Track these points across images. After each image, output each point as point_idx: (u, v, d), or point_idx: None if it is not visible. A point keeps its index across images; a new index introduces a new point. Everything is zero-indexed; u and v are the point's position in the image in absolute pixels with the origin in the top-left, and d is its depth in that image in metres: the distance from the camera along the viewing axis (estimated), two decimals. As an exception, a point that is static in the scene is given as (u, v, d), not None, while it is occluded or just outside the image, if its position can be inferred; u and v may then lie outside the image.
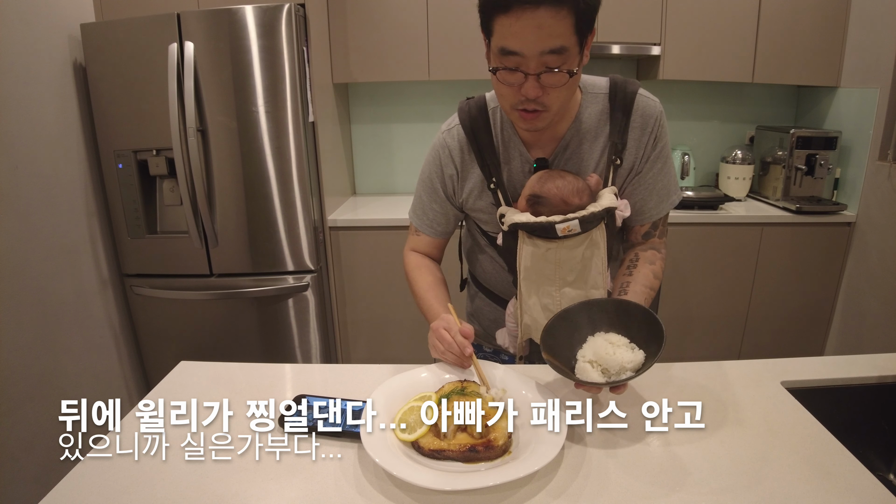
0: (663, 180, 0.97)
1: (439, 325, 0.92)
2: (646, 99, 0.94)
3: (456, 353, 0.89)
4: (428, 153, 1.04)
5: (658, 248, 1.03)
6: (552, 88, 0.80)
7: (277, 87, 1.96)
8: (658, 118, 0.95)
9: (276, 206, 2.07)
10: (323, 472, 0.72)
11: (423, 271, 1.07)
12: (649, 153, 0.95)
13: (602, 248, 0.92)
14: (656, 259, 1.01)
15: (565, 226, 0.88)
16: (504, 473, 0.66)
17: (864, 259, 2.26)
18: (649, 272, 0.98)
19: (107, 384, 2.13)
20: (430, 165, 1.03)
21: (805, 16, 2.29)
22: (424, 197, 1.05)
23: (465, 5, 2.25)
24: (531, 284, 0.95)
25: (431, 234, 1.08)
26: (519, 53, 0.77)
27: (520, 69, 0.79)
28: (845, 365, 0.99)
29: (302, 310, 2.19)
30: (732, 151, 2.54)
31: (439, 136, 1.02)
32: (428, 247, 1.11)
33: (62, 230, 1.92)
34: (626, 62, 2.65)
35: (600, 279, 0.93)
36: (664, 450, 0.76)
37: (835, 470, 0.71)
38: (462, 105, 0.99)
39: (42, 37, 1.83)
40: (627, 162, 0.95)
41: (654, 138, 0.94)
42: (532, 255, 0.92)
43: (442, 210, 1.05)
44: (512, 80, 0.81)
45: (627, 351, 0.79)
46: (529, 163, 0.96)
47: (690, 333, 2.44)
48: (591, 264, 0.93)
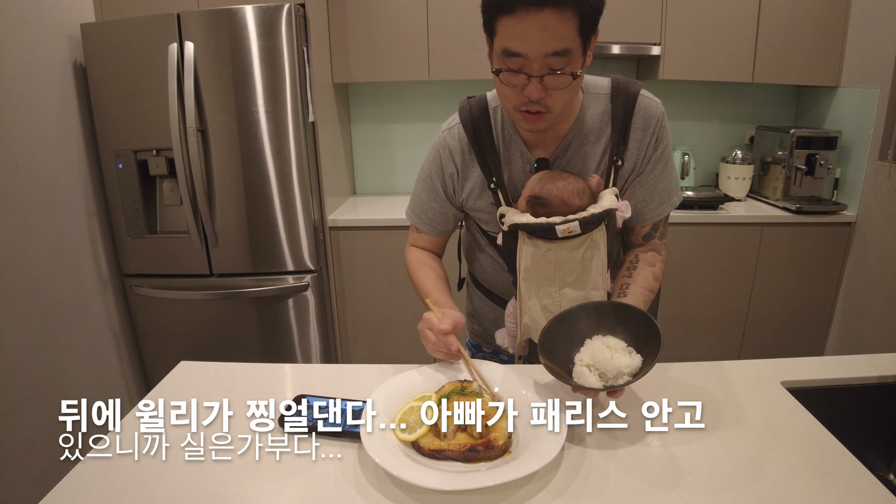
0: (664, 181, 0.97)
1: (423, 326, 0.93)
2: (648, 100, 0.94)
3: (444, 352, 0.90)
4: (428, 152, 1.04)
5: (658, 249, 1.03)
6: (555, 90, 0.80)
7: (277, 87, 1.95)
8: (660, 119, 0.94)
9: (276, 206, 2.07)
10: (323, 472, 0.72)
11: (426, 269, 1.07)
12: (651, 154, 0.95)
13: (602, 250, 0.92)
14: (656, 261, 1.01)
15: (565, 227, 0.88)
16: (504, 473, 0.66)
17: (864, 259, 2.26)
18: (649, 274, 0.98)
19: (107, 384, 2.13)
20: (430, 164, 1.03)
21: (805, 16, 2.29)
22: (424, 195, 1.05)
23: (465, 5, 2.25)
24: (531, 285, 0.95)
25: (430, 233, 1.08)
26: (522, 55, 0.77)
27: (523, 71, 0.78)
28: (845, 365, 0.99)
29: (302, 310, 2.19)
30: (732, 151, 2.54)
31: (440, 136, 1.02)
32: (428, 244, 1.11)
33: (62, 230, 1.92)
34: (626, 62, 2.65)
35: (600, 280, 0.93)
36: (664, 450, 0.76)
37: (835, 470, 0.71)
38: (463, 105, 0.99)
39: (42, 37, 1.83)
40: (629, 163, 0.95)
41: (656, 139, 0.94)
42: (532, 256, 0.92)
43: (441, 209, 1.05)
44: (515, 82, 0.80)
45: (625, 355, 0.79)
46: (530, 163, 0.96)
47: (690, 333, 2.44)
48: (591, 265, 0.92)
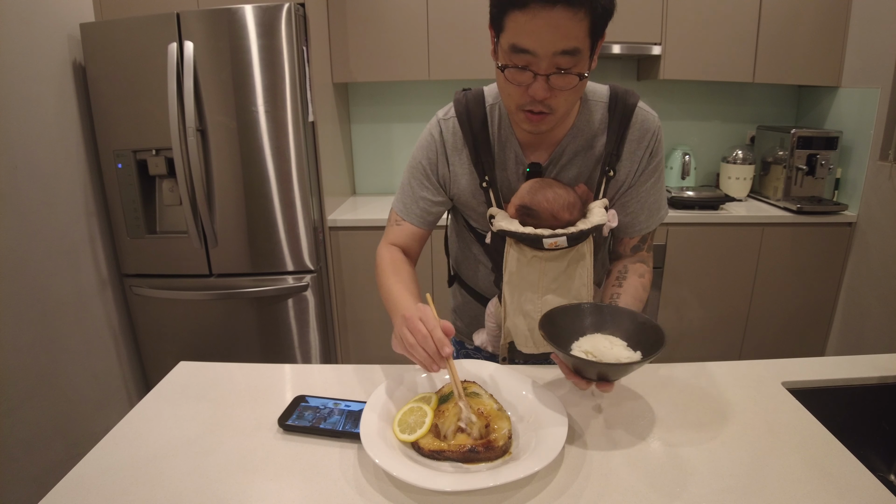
0: (655, 195, 0.97)
1: (414, 315, 0.79)
2: (645, 112, 0.93)
3: (430, 351, 0.76)
4: (420, 139, 1.01)
5: (646, 261, 1.03)
6: (560, 91, 0.79)
7: (277, 87, 1.95)
8: (656, 133, 0.94)
9: (276, 206, 2.07)
10: (323, 472, 0.72)
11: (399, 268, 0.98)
12: (644, 167, 0.94)
13: (588, 260, 0.92)
14: (645, 272, 1.01)
15: (553, 241, 0.88)
16: (504, 474, 0.66)
17: (864, 259, 2.26)
18: (639, 285, 0.98)
19: (106, 384, 2.13)
20: (422, 150, 1.00)
21: (806, 16, 2.29)
22: (414, 183, 1.01)
23: (466, 5, 2.25)
24: (514, 289, 0.94)
25: (416, 224, 1.02)
26: (531, 52, 0.76)
27: (530, 68, 0.77)
28: (846, 365, 0.99)
29: (302, 310, 2.19)
30: (733, 151, 2.54)
31: (434, 123, 0.99)
32: (409, 239, 1.03)
33: (62, 230, 1.92)
34: (627, 62, 2.65)
35: (584, 290, 0.93)
36: (665, 450, 0.75)
37: (835, 470, 0.71)
38: (459, 97, 0.97)
39: (42, 36, 1.83)
40: (621, 174, 0.94)
41: (651, 153, 0.94)
42: (517, 261, 0.92)
43: (431, 197, 1.01)
44: (520, 80, 0.79)
45: (625, 350, 0.78)
46: (524, 165, 0.95)
47: (691, 333, 2.44)
48: (575, 275, 0.93)
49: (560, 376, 0.94)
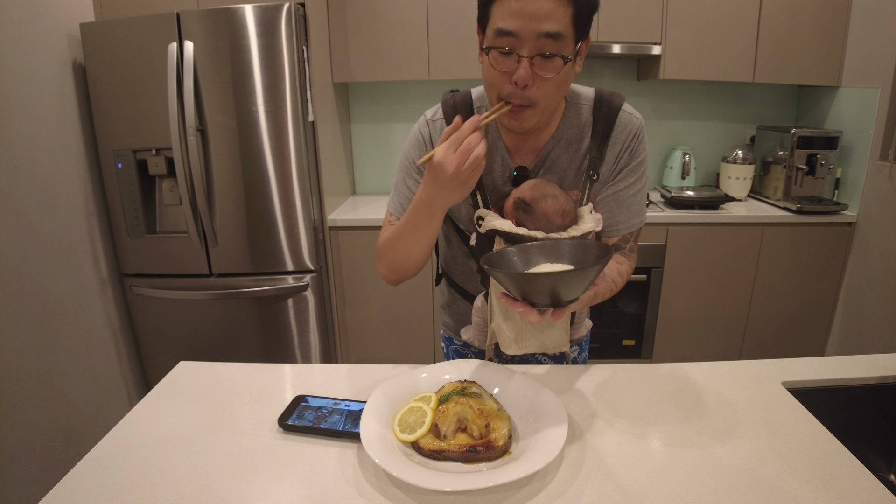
0: (635, 196, 0.96)
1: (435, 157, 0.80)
2: (628, 115, 0.93)
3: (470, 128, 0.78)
4: (409, 138, 1.02)
5: (627, 256, 1.01)
6: (543, 81, 0.79)
7: (277, 87, 1.95)
8: (636, 133, 0.93)
9: (276, 205, 2.07)
10: (323, 472, 0.72)
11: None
12: (623, 165, 0.94)
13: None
14: (623, 261, 0.99)
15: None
16: (504, 474, 0.66)
17: (864, 259, 2.26)
18: (614, 266, 0.96)
19: (106, 384, 2.13)
20: (412, 149, 1.01)
21: (806, 15, 2.29)
22: (408, 182, 1.01)
23: (465, 5, 2.25)
24: (498, 289, 0.94)
25: None
26: (515, 34, 0.77)
27: (514, 51, 0.78)
28: (846, 365, 0.99)
29: (301, 310, 2.19)
30: (733, 151, 2.54)
31: (423, 122, 1.00)
32: None
33: (61, 230, 1.92)
34: (627, 62, 2.65)
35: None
36: (665, 450, 0.75)
37: (835, 470, 0.71)
38: (446, 98, 0.98)
39: (42, 36, 1.83)
40: (603, 176, 0.94)
41: (630, 152, 0.93)
42: None
43: None
44: (505, 65, 0.80)
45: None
46: (510, 169, 0.95)
47: (691, 333, 2.44)
48: None
49: (560, 376, 0.94)
